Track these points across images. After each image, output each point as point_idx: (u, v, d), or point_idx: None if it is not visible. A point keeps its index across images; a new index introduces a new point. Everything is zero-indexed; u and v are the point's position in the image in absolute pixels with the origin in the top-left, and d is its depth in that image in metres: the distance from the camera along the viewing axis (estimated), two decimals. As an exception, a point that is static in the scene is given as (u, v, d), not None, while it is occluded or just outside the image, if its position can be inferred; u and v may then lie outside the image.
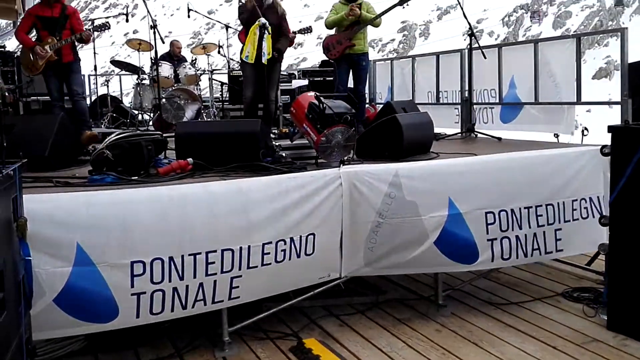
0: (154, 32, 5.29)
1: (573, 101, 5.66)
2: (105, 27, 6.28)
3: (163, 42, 5.62)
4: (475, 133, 6.35)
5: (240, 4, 5.40)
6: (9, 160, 2.66)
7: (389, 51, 58.31)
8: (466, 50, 6.61)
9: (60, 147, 4.39)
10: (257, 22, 5.14)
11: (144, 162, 3.96)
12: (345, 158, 4.27)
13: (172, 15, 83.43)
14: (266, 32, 5.21)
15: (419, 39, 60.31)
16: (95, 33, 5.95)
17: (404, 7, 6.57)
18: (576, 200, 4.23)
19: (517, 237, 4.06)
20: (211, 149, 4.13)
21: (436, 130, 6.45)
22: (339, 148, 4.28)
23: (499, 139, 5.91)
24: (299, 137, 4.68)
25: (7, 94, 6.44)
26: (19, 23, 5.94)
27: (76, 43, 5.94)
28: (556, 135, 5.91)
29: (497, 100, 6.52)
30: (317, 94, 4.35)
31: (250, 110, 5.53)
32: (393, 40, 59.55)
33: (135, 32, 57.96)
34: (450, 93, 7.24)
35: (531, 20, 53.04)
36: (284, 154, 4.41)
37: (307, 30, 7.10)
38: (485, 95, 6.72)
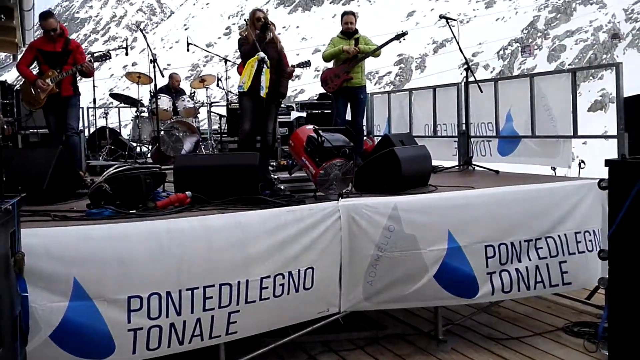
0: (154, 66, 5.32)
1: (569, 135, 5.69)
2: (106, 57, 6.21)
3: (162, 76, 5.67)
4: (473, 166, 6.38)
5: (241, 37, 5.46)
6: (8, 195, 2.66)
7: (386, 83, 59.00)
8: (462, 84, 6.68)
9: (58, 180, 4.39)
10: (256, 56, 5.19)
11: (142, 195, 3.94)
12: (344, 191, 4.27)
13: (170, 47, 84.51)
14: (265, 66, 5.25)
15: (415, 72, 61.13)
16: (96, 64, 5.94)
17: (400, 42, 6.68)
18: (579, 232, 4.23)
19: (517, 270, 4.05)
20: (210, 182, 4.13)
21: (434, 162, 6.49)
22: (337, 181, 4.28)
23: (497, 172, 5.93)
24: (298, 169, 4.69)
25: (5, 126, 6.43)
26: (20, 56, 5.92)
27: (77, 76, 5.96)
28: (553, 169, 5.95)
29: (495, 134, 6.56)
30: (316, 127, 4.38)
31: (246, 143, 5.56)
32: (390, 72, 60.31)
33: (134, 64, 58.62)
34: (448, 126, 7.30)
35: (522, 55, 53.92)
36: (282, 187, 4.41)
37: (306, 64, 7.20)
38: (483, 128, 6.77)
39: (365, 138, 7.57)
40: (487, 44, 58.29)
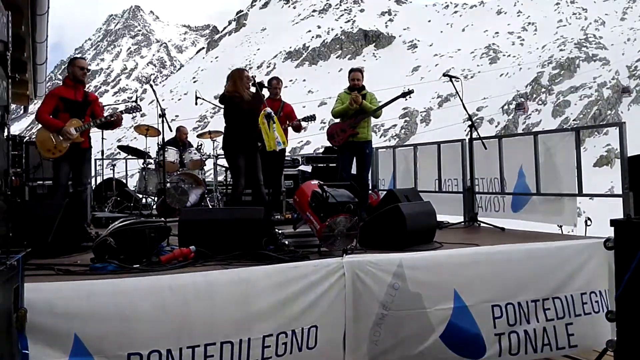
0: (162, 121, 5.41)
1: (574, 193, 5.68)
2: (136, 109, 6.12)
3: (170, 130, 5.75)
4: (479, 222, 6.36)
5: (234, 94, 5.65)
6: (14, 250, 2.67)
7: (391, 136, 59.69)
8: (466, 141, 6.74)
9: (63, 233, 4.40)
10: (262, 112, 5.30)
11: (146, 249, 3.95)
12: (348, 247, 4.25)
13: (179, 99, 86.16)
14: (272, 120, 5.36)
15: (420, 125, 61.91)
16: (125, 115, 5.89)
17: (406, 99, 6.79)
18: (585, 293, 4.17)
19: (525, 331, 3.98)
20: (214, 235, 4.14)
21: (440, 218, 6.48)
22: (341, 237, 4.27)
23: (502, 229, 5.91)
24: (302, 224, 4.69)
25: (14, 177, 6.45)
26: (39, 104, 5.75)
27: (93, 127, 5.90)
28: (559, 226, 5.91)
29: (500, 190, 6.56)
30: (321, 182, 4.40)
31: (238, 198, 5.62)
32: (395, 125, 61.07)
33: (143, 115, 59.64)
34: (453, 181, 7.32)
35: (516, 113, 54.54)
36: (286, 242, 4.39)
37: (311, 118, 7.32)
38: (496, 184, 6.76)
39: (370, 192, 7.60)
40: (491, 99, 59.20)
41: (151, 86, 6.33)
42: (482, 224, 6.31)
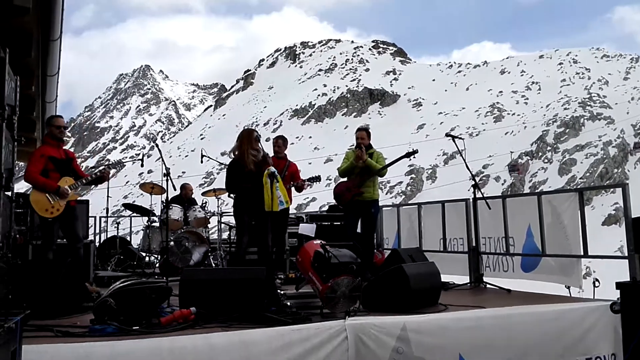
0: (167, 180, 5.48)
1: (580, 254, 5.61)
2: (119, 164, 6.06)
3: (175, 189, 5.80)
4: (484, 283, 6.27)
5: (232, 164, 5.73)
6: (12, 312, 2.65)
7: (397, 193, 59.77)
8: (471, 200, 6.74)
9: (64, 294, 4.37)
10: (266, 171, 5.35)
11: (146, 311, 3.91)
12: (351, 309, 4.20)
13: (186, 156, 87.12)
14: (275, 180, 5.40)
15: (426, 182, 62.06)
16: (112, 171, 5.93)
17: (410, 159, 6.83)
18: (590, 358, 4.07)
19: (532, 398, 3.86)
20: (215, 296, 4.11)
21: (445, 278, 6.39)
22: (344, 298, 4.22)
23: (509, 290, 5.81)
24: (305, 285, 4.65)
25: (18, 235, 6.46)
26: (27, 164, 5.55)
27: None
28: (567, 287, 5.80)
29: (505, 250, 6.48)
30: (323, 242, 4.39)
31: (241, 256, 5.60)
32: (401, 182, 61.24)
33: (149, 172, 60.34)
34: (459, 240, 7.25)
35: (511, 175, 54.65)
36: (288, 303, 4.34)
37: (316, 179, 7.35)
38: (503, 244, 6.67)
39: (374, 251, 7.54)
40: (497, 157, 59.47)
41: (156, 145, 6.47)
42: (488, 285, 6.21)
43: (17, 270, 4.48)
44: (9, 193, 2.71)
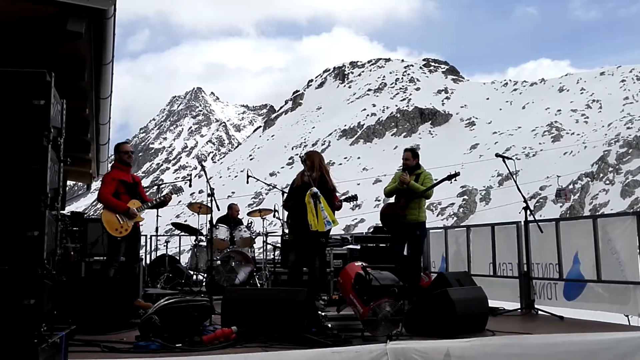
0: (211, 200, 5.60)
1: (637, 281, 5.32)
2: (180, 191, 6.39)
3: (219, 209, 5.91)
4: (536, 310, 6.04)
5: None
6: (58, 327, 2.73)
7: (449, 215, 58.63)
8: (522, 223, 6.54)
9: (112, 310, 4.50)
10: (308, 192, 5.37)
11: (189, 328, 3.97)
12: (393, 332, 4.12)
13: (236, 176, 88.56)
14: (318, 200, 5.41)
15: (480, 204, 60.63)
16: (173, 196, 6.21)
17: (451, 182, 6.71)
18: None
19: None
20: (257, 315, 4.14)
21: (494, 304, 6.20)
22: (386, 321, 4.14)
23: (561, 317, 5.57)
24: (347, 307, 4.60)
25: (72, 252, 6.71)
26: (100, 186, 6.00)
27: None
28: (626, 316, 5.50)
29: (558, 276, 6.23)
30: (364, 264, 4.34)
31: (294, 275, 5.62)
32: (452, 204, 60.09)
33: (200, 192, 61.64)
34: (509, 265, 7.03)
35: (557, 200, 52.50)
36: (329, 325, 4.31)
37: (353, 198, 7.31)
38: (551, 270, 6.44)
39: (422, 275, 7.40)
40: (555, 178, 57.62)
41: (202, 165, 6.60)
42: (539, 312, 5.98)
43: (64, 286, 4.64)
44: (55, 212, 2.82)
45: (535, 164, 62.41)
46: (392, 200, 6.78)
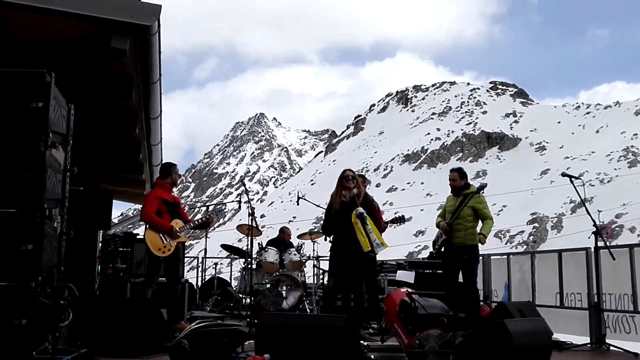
0: (251, 220, 5.42)
1: None
2: (221, 212, 6.36)
3: (260, 232, 5.73)
4: (607, 345, 5.45)
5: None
6: (67, 350, 2.56)
7: (518, 243, 56.26)
8: (592, 250, 5.97)
9: (145, 333, 4.35)
10: (354, 212, 5.10)
11: (219, 354, 3.75)
12: (442, 367, 3.73)
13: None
14: (364, 221, 5.13)
15: (551, 232, 57.94)
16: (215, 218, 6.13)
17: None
18: None
19: None
20: (292, 343, 3.85)
21: (561, 337, 5.77)
22: (433, 354, 3.78)
23: (636, 354, 5.03)
24: (391, 337, 4.25)
25: (121, 273, 6.69)
26: (143, 205, 5.97)
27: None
28: None
29: (632, 308, 5.61)
30: (409, 290, 3.99)
31: (328, 301, 5.33)
32: (522, 232, 57.75)
33: (262, 216, 62.19)
34: (577, 296, 6.43)
35: (598, 239, 48.70)
36: (372, 356, 3.97)
37: (400, 220, 6.97)
38: (625, 301, 5.82)
39: (481, 304, 6.90)
40: (632, 205, 54.37)
41: (243, 184, 6.47)
42: (611, 347, 5.39)
43: (109, 307, 4.55)
44: (59, 225, 2.68)
45: (610, 190, 59.39)
46: None
